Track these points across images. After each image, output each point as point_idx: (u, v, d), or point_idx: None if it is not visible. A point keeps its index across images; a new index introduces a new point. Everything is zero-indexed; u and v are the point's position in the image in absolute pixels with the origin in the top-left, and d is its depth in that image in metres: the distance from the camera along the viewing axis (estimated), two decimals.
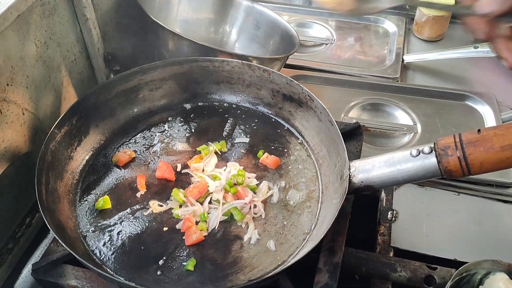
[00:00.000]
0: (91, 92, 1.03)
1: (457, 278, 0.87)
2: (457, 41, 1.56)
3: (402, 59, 1.53)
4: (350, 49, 1.59)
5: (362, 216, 1.18)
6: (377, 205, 1.16)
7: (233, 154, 1.06)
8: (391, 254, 1.05)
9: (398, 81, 1.47)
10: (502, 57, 0.83)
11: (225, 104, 1.14)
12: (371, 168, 0.89)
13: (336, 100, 1.40)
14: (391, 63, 1.51)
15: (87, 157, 1.02)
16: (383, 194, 1.17)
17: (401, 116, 1.36)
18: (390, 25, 1.67)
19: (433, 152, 0.83)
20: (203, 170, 1.00)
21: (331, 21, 1.70)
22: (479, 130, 0.82)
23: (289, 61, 1.48)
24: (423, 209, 1.14)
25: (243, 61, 1.08)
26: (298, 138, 1.08)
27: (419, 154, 0.85)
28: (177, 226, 0.92)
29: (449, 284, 0.84)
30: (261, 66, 1.07)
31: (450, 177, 0.84)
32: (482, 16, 0.80)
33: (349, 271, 0.96)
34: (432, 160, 0.83)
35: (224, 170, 1.00)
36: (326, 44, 1.60)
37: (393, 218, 1.13)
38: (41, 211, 0.82)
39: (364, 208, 1.18)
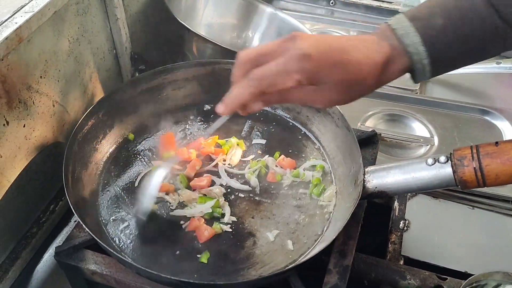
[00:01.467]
0: (117, 89, 1.07)
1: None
2: None
3: None
4: None
5: (375, 225, 1.20)
6: (390, 214, 1.17)
7: (250, 154, 1.08)
8: (401, 262, 1.05)
9: (417, 93, 1.48)
10: None
11: None
12: (385, 174, 0.90)
13: (353, 109, 1.38)
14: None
15: (110, 150, 1.06)
16: (396, 204, 1.18)
17: (418, 128, 1.37)
18: None
19: (449, 162, 0.84)
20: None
21: (353, 31, 1.72)
22: (496, 143, 0.83)
23: None
24: (436, 221, 1.14)
25: None
26: (315, 143, 1.10)
27: (434, 163, 0.86)
28: (183, 226, 0.95)
29: None
30: None
31: (465, 188, 0.85)
32: None
33: (358, 276, 0.97)
34: (447, 169, 0.84)
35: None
36: None
37: (405, 228, 1.13)
38: (67, 196, 0.86)
39: (377, 217, 1.19)
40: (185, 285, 0.78)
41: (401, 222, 1.14)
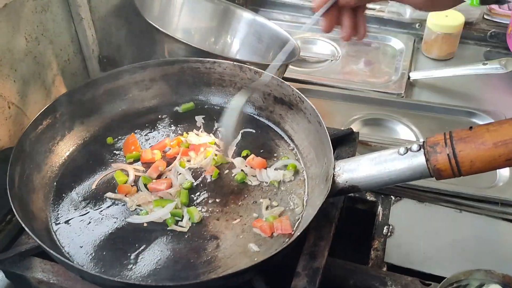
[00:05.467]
0: (77, 88, 1.02)
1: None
2: (468, 61, 1.51)
3: (408, 76, 1.49)
4: (355, 66, 1.56)
5: (360, 233, 1.13)
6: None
7: None
8: (384, 269, 0.98)
9: (402, 96, 1.42)
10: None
11: (216, 107, 1.12)
12: (356, 167, 0.84)
13: (337, 114, 1.37)
14: (396, 80, 1.47)
15: (68, 153, 1.00)
16: (380, 209, 1.12)
17: (404, 132, 1.31)
18: (397, 43, 1.64)
19: (422, 150, 0.78)
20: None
21: (338, 38, 1.68)
22: (471, 127, 0.77)
23: (292, 75, 1.47)
24: (421, 225, 1.07)
25: (235, 63, 1.06)
26: (288, 142, 1.04)
27: (407, 152, 0.80)
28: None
29: None
30: (252, 67, 1.05)
31: (440, 177, 0.78)
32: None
33: (336, 284, 0.90)
34: (420, 158, 0.78)
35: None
36: (331, 60, 1.58)
37: (389, 233, 1.07)
38: (10, 199, 0.80)
39: (362, 225, 1.13)
40: None
41: (385, 228, 1.08)
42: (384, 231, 1.07)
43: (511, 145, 0.73)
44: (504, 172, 1.18)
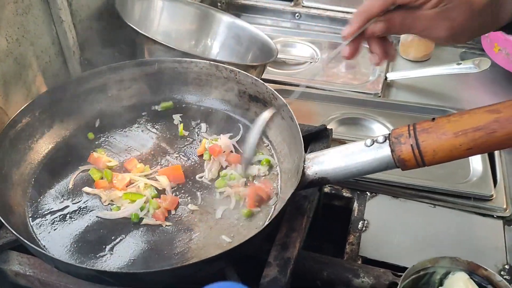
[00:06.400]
0: (57, 87, 1.04)
1: (413, 276, 0.83)
2: (444, 62, 1.55)
3: (386, 76, 1.53)
4: (333, 68, 1.59)
5: (338, 229, 1.15)
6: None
7: None
8: (359, 262, 1.01)
9: (379, 96, 1.46)
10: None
11: (193, 106, 1.15)
12: (325, 159, 0.86)
13: (315, 114, 1.40)
14: (373, 80, 1.51)
15: (47, 150, 1.02)
16: (355, 204, 1.15)
17: (380, 130, 1.34)
18: None
19: (387, 141, 0.81)
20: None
21: (318, 41, 1.72)
22: (433, 118, 0.80)
23: (271, 77, 1.50)
24: (396, 220, 1.10)
25: (211, 62, 1.09)
26: (263, 139, 1.07)
27: (373, 143, 0.83)
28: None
29: (401, 282, 0.79)
30: (228, 66, 1.08)
31: (405, 168, 0.81)
32: None
33: (310, 276, 0.92)
34: (386, 149, 0.81)
35: None
36: (310, 62, 1.62)
37: (364, 228, 1.10)
38: None
39: (339, 221, 1.15)
40: (103, 276, 0.72)
41: (360, 223, 1.11)
42: (359, 226, 1.10)
43: (470, 134, 0.75)
44: (477, 168, 1.21)
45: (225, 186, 0.96)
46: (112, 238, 0.87)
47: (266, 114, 0.87)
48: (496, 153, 1.26)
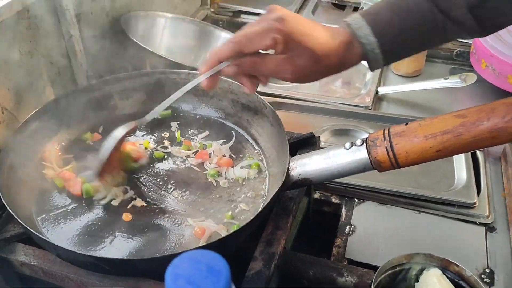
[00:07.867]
0: (64, 95, 1.12)
1: (390, 271, 0.88)
2: (434, 77, 1.62)
3: (377, 90, 1.60)
4: (326, 81, 1.66)
5: (326, 234, 1.21)
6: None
7: None
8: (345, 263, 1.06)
9: (370, 109, 1.52)
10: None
11: (190, 115, 1.23)
12: (308, 161, 0.93)
13: (307, 125, 1.46)
14: (364, 94, 1.58)
15: (53, 153, 1.10)
16: (343, 210, 1.20)
17: None
18: None
19: (364, 144, 0.88)
20: None
21: None
22: (406, 123, 0.87)
23: (265, 90, 1.57)
24: (381, 225, 1.15)
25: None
26: (253, 145, 1.14)
27: (352, 146, 0.89)
28: None
29: (376, 276, 0.85)
30: (222, 77, 1.15)
31: (381, 169, 0.87)
32: None
33: (297, 275, 0.97)
34: (363, 152, 0.87)
35: None
36: None
37: (351, 232, 1.14)
38: None
39: (328, 227, 1.20)
40: (100, 264, 0.79)
41: (347, 227, 1.16)
42: (346, 230, 1.15)
43: (439, 137, 0.82)
44: (462, 176, 1.26)
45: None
46: (111, 232, 0.93)
47: (121, 130, 0.98)
48: (481, 163, 1.31)
